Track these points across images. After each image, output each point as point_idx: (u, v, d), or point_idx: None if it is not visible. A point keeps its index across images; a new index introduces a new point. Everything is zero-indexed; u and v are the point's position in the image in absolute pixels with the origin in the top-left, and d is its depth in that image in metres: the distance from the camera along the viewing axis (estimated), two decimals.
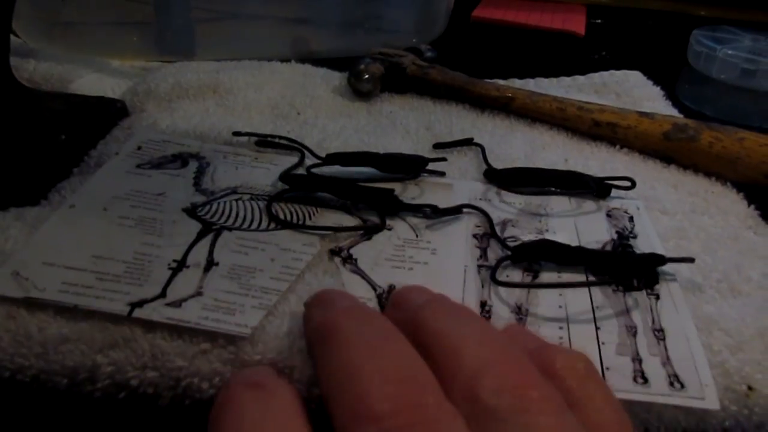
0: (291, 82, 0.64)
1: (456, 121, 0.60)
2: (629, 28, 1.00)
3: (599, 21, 1.00)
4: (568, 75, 0.72)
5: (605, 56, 0.86)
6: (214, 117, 0.57)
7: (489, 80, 0.69)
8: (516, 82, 0.70)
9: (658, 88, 0.69)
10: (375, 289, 0.39)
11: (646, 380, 0.35)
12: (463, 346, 0.25)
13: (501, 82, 0.70)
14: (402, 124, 0.59)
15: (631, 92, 0.67)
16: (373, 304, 0.38)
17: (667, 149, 0.55)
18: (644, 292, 0.40)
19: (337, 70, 0.69)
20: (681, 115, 0.64)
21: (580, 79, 0.70)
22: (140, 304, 0.36)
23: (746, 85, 0.78)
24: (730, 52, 0.79)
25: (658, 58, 0.86)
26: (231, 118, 0.57)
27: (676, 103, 0.67)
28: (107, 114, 0.57)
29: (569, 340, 0.37)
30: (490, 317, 0.38)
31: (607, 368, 0.35)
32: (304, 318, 0.33)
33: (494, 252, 0.43)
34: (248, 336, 0.35)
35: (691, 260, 0.40)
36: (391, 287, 0.40)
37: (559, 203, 0.48)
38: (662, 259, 0.41)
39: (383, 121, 0.59)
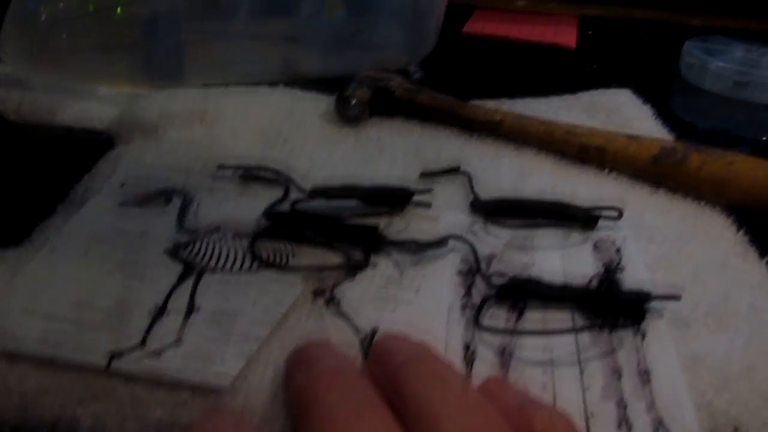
0: (278, 108, 0.63)
1: (444, 146, 0.60)
2: (621, 39, 1.00)
3: (591, 32, 1.00)
4: (559, 91, 0.72)
5: (596, 69, 0.86)
6: (200, 146, 0.56)
7: (477, 102, 0.69)
8: (506, 103, 0.69)
9: (648, 106, 0.68)
10: (358, 333, 0.39)
11: (630, 427, 0.34)
12: (441, 414, 0.25)
13: (490, 103, 0.69)
14: (389, 151, 0.58)
15: (621, 111, 0.67)
16: (355, 349, 0.38)
17: (656, 173, 0.55)
18: (630, 330, 0.40)
19: (326, 92, 0.69)
20: (671, 136, 0.63)
21: (569, 98, 0.69)
22: (119, 354, 0.36)
23: (739, 97, 0.78)
24: (721, 64, 0.78)
25: (650, 70, 0.86)
26: (217, 147, 0.57)
27: (668, 118, 0.66)
28: (93, 146, 0.56)
29: (553, 385, 0.36)
30: (474, 361, 0.38)
31: (592, 414, 0.35)
32: (284, 376, 0.33)
33: (479, 290, 0.42)
34: (228, 386, 0.35)
35: (677, 298, 0.40)
36: (374, 331, 0.39)
37: (545, 236, 0.48)
38: (648, 297, 0.40)
39: (371, 148, 0.59)
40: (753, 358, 0.38)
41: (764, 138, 0.72)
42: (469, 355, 0.38)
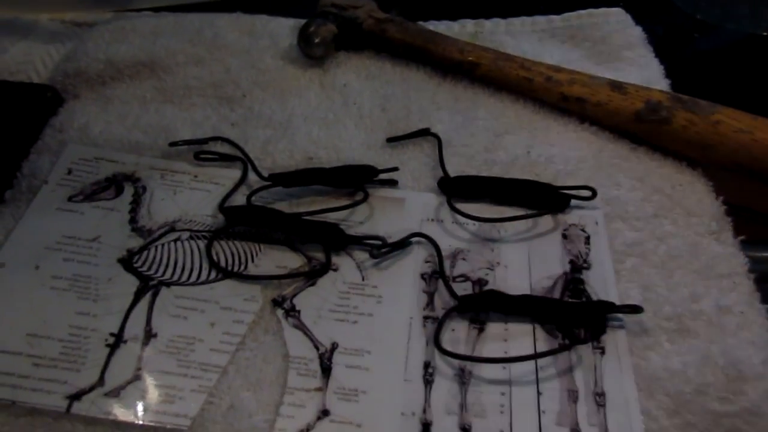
0: (236, 51, 0.58)
1: (414, 94, 0.55)
2: None
3: None
4: (545, 10, 0.65)
5: None
6: (151, 111, 0.52)
7: (455, 25, 0.63)
8: (486, 25, 0.63)
9: (640, 29, 0.62)
10: (317, 348, 0.39)
11: None
12: None
13: (469, 23, 0.63)
14: (356, 104, 0.54)
15: (610, 39, 0.61)
16: (315, 365, 0.38)
17: (637, 130, 0.52)
18: (590, 345, 0.39)
19: (290, 15, 0.63)
20: (661, 68, 0.59)
21: (555, 20, 0.63)
22: (78, 396, 0.36)
23: None
24: None
25: None
26: (170, 110, 0.53)
27: (659, 48, 0.61)
28: (38, 107, 0.52)
29: (510, 408, 0.37)
30: (433, 380, 0.38)
31: None
32: None
33: (441, 297, 0.42)
34: (188, 428, 0.35)
35: (639, 310, 0.39)
36: (334, 345, 0.39)
37: (514, 223, 0.46)
38: (611, 308, 0.40)
39: (336, 99, 0.55)
40: (708, 375, 0.38)
41: (764, 33, 0.67)
42: (428, 375, 0.38)
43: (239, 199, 0.46)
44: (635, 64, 0.59)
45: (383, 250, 0.42)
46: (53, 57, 0.59)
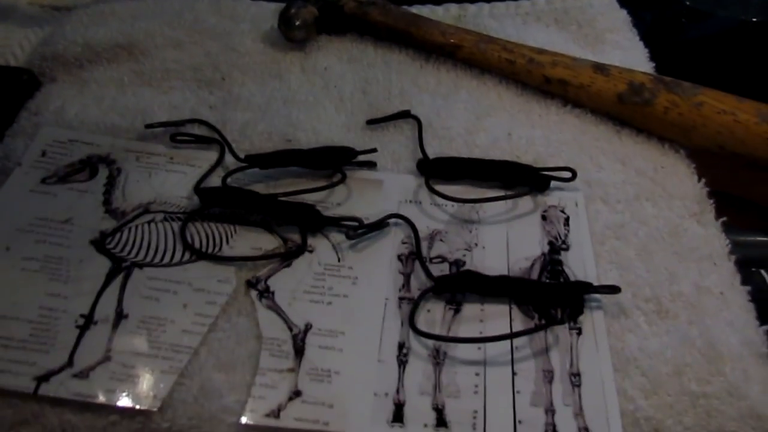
0: (216, 34, 0.57)
1: (396, 77, 0.55)
2: None
3: None
4: None
5: None
6: (128, 94, 0.52)
7: (438, 8, 0.63)
8: (469, 9, 0.63)
9: (625, 12, 0.62)
10: (291, 329, 0.39)
11: None
12: None
13: (453, 7, 0.63)
14: (336, 87, 0.54)
15: (594, 22, 0.61)
16: (288, 346, 0.38)
17: (620, 113, 0.51)
18: (567, 326, 0.39)
19: None
20: (646, 51, 0.58)
21: (540, 3, 0.63)
22: (46, 377, 0.35)
23: None
24: None
25: None
26: (148, 93, 0.52)
27: (647, 32, 0.61)
28: (13, 90, 0.52)
29: (485, 388, 0.36)
30: (407, 360, 0.38)
31: (520, 422, 0.35)
32: None
33: (418, 279, 0.41)
34: (158, 409, 0.35)
35: (617, 290, 0.39)
36: (308, 326, 0.39)
37: (492, 205, 0.45)
38: (588, 288, 0.39)
39: (317, 83, 0.54)
40: (686, 356, 0.38)
41: (753, 19, 0.67)
42: (403, 356, 0.38)
43: (216, 181, 0.46)
44: (619, 48, 0.59)
45: (359, 231, 0.42)
46: (31, 41, 0.59)
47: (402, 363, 0.38)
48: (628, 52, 0.58)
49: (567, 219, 0.45)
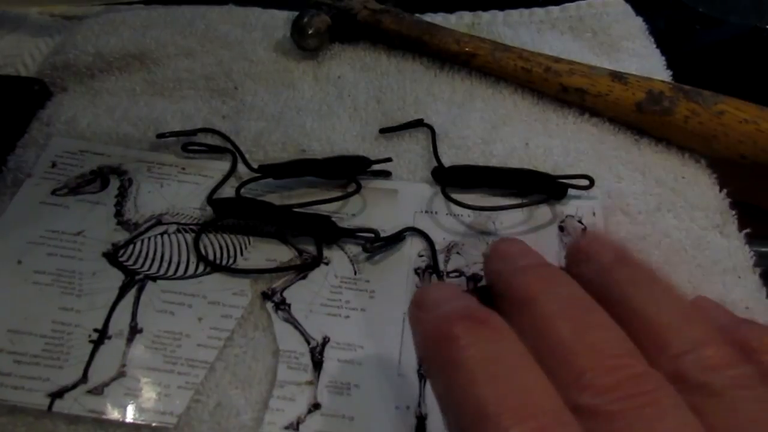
0: (228, 43, 0.57)
1: (410, 86, 0.54)
2: None
3: None
4: (543, 1, 0.64)
5: None
6: (140, 104, 0.51)
7: (452, 16, 0.62)
8: (483, 17, 0.62)
9: (641, 19, 0.61)
10: (308, 342, 0.38)
11: None
12: (668, 323, 0.24)
13: (467, 17, 0.62)
14: (350, 96, 0.53)
15: (610, 29, 0.60)
16: (306, 358, 0.37)
17: (639, 122, 0.51)
18: None
19: (283, 6, 0.62)
20: (662, 59, 0.58)
21: (554, 12, 0.62)
22: (60, 393, 0.35)
23: None
24: None
25: None
26: (160, 103, 0.51)
27: (661, 39, 0.60)
28: (25, 100, 0.51)
29: None
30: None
31: None
32: (485, 270, 0.29)
33: None
34: (173, 427, 0.34)
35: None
36: (326, 339, 0.38)
37: (509, 215, 0.44)
38: None
39: (330, 92, 0.54)
40: None
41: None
42: (424, 370, 0.37)
43: (229, 191, 0.45)
44: (636, 55, 0.58)
45: (376, 244, 0.41)
46: (42, 50, 0.58)
47: (423, 377, 0.37)
48: (644, 60, 0.57)
49: (584, 230, 0.44)
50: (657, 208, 0.46)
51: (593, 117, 0.52)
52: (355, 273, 0.41)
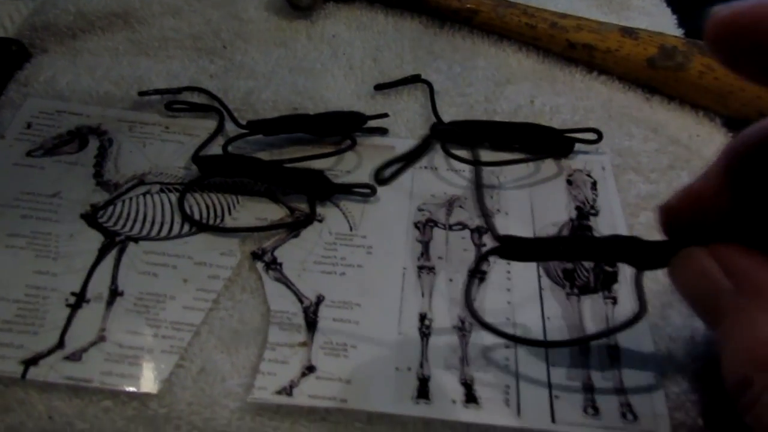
0: (217, 2, 0.54)
1: (408, 45, 0.52)
2: None
3: None
4: None
5: None
6: (123, 63, 0.48)
7: None
8: None
9: None
10: (302, 301, 0.35)
11: (597, 411, 0.32)
12: None
13: None
14: (345, 54, 0.51)
15: None
16: (299, 318, 0.34)
17: (651, 78, 0.48)
18: (601, 294, 0.36)
19: None
20: (674, 18, 0.55)
21: None
22: (35, 360, 0.32)
23: None
24: None
25: None
26: (144, 62, 0.49)
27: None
28: (2, 61, 0.48)
29: (516, 361, 0.33)
30: (430, 333, 0.34)
31: (556, 397, 0.32)
32: None
33: (437, 246, 0.38)
34: (157, 393, 0.31)
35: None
36: (320, 298, 0.35)
37: (513, 169, 0.42)
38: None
39: (324, 51, 0.51)
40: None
41: None
42: (425, 327, 0.34)
43: (216, 150, 0.42)
44: (646, 13, 0.56)
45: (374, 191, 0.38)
46: (21, 11, 0.55)
47: (425, 335, 0.34)
48: (655, 18, 0.55)
49: (594, 183, 0.41)
50: (670, 166, 0.43)
51: (602, 75, 0.49)
52: (351, 229, 0.38)
